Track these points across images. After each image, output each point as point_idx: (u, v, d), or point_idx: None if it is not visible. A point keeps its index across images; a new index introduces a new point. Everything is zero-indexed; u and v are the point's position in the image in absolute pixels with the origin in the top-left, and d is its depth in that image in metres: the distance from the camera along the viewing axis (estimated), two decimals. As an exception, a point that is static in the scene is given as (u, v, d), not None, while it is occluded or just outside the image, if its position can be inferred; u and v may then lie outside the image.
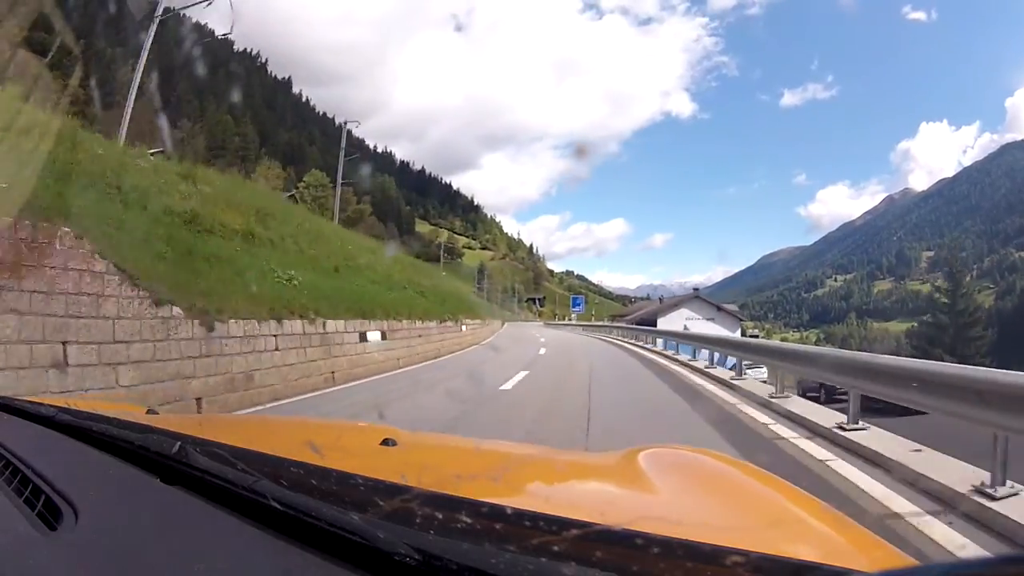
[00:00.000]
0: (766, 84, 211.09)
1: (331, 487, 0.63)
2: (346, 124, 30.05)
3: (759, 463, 0.97)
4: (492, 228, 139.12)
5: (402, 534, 0.52)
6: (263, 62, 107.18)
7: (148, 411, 1.51)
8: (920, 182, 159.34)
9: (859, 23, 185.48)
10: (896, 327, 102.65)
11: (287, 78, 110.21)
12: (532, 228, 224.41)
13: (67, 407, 1.23)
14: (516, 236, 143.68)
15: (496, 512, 0.52)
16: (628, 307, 79.23)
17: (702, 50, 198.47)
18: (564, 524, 0.47)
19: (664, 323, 34.26)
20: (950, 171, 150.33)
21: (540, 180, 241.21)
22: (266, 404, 6.75)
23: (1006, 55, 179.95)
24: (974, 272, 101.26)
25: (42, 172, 5.39)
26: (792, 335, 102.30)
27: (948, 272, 46.03)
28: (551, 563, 0.45)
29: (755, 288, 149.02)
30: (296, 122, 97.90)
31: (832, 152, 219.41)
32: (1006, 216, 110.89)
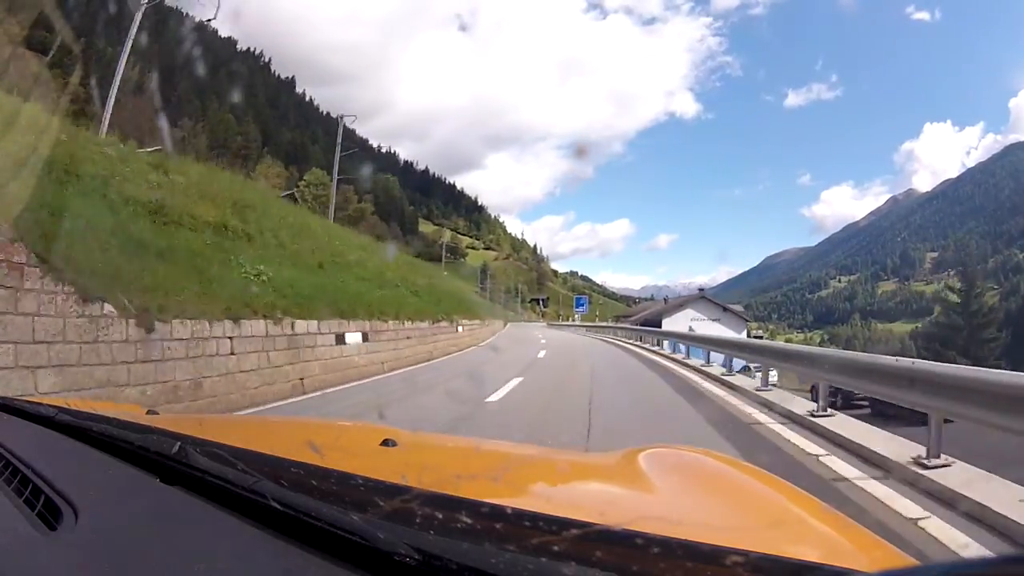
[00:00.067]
0: (770, 84, 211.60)
1: (331, 487, 0.63)
2: (342, 119, 28.90)
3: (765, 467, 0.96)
4: (496, 228, 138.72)
5: (402, 534, 0.52)
6: (267, 61, 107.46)
7: (148, 411, 1.51)
8: (924, 183, 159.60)
9: (863, 23, 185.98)
10: (900, 328, 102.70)
11: (291, 78, 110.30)
12: (536, 228, 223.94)
13: (67, 407, 1.23)
14: (520, 236, 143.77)
15: (496, 512, 0.52)
16: (632, 308, 78.83)
17: (706, 50, 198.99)
18: (564, 524, 0.47)
19: (669, 324, 33.66)
20: (954, 172, 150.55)
21: (544, 180, 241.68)
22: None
23: (1010, 56, 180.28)
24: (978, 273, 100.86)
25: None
26: (796, 336, 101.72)
27: (962, 271, 44.59)
28: (551, 563, 0.45)
29: (759, 289, 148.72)
30: (299, 121, 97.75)
31: (836, 152, 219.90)
32: (1010, 217, 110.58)
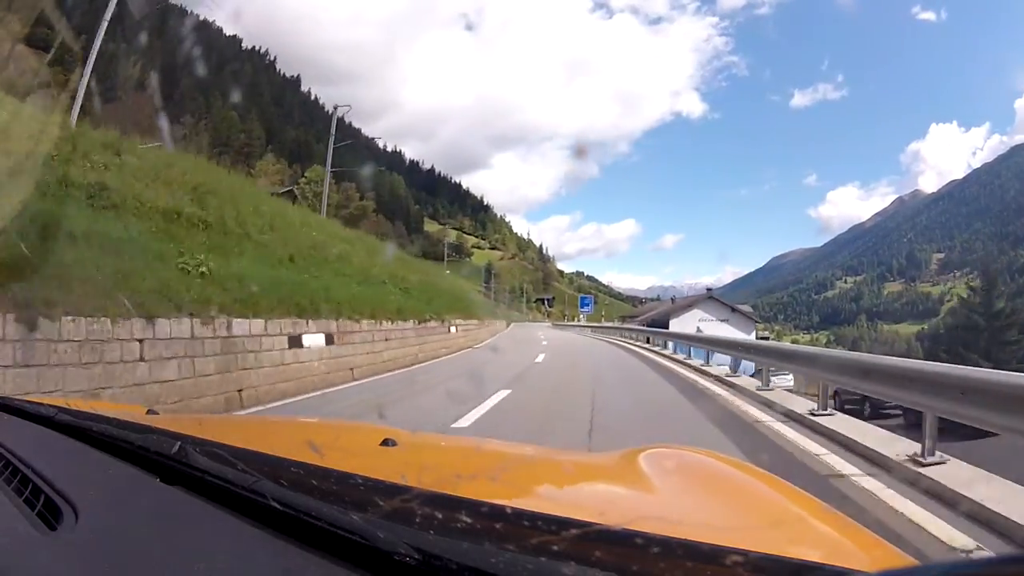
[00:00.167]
0: (776, 84, 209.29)
1: (331, 487, 0.63)
2: (336, 109, 28.28)
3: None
4: (501, 228, 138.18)
5: (402, 534, 0.52)
6: (272, 60, 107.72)
7: (148, 411, 1.51)
8: (930, 183, 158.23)
9: (869, 23, 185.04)
10: (906, 329, 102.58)
11: (296, 76, 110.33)
12: (542, 228, 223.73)
13: (67, 407, 1.23)
14: (526, 236, 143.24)
15: (496, 512, 0.52)
16: (638, 308, 78.24)
17: (712, 50, 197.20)
18: (564, 524, 0.47)
19: (676, 324, 33.11)
20: (960, 173, 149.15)
21: (551, 180, 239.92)
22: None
23: (1015, 56, 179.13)
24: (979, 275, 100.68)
25: None
26: (802, 337, 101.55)
27: (982, 270, 43.30)
28: (551, 563, 0.45)
29: (765, 289, 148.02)
30: (304, 120, 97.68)
31: (842, 153, 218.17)
32: (1016, 218, 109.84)
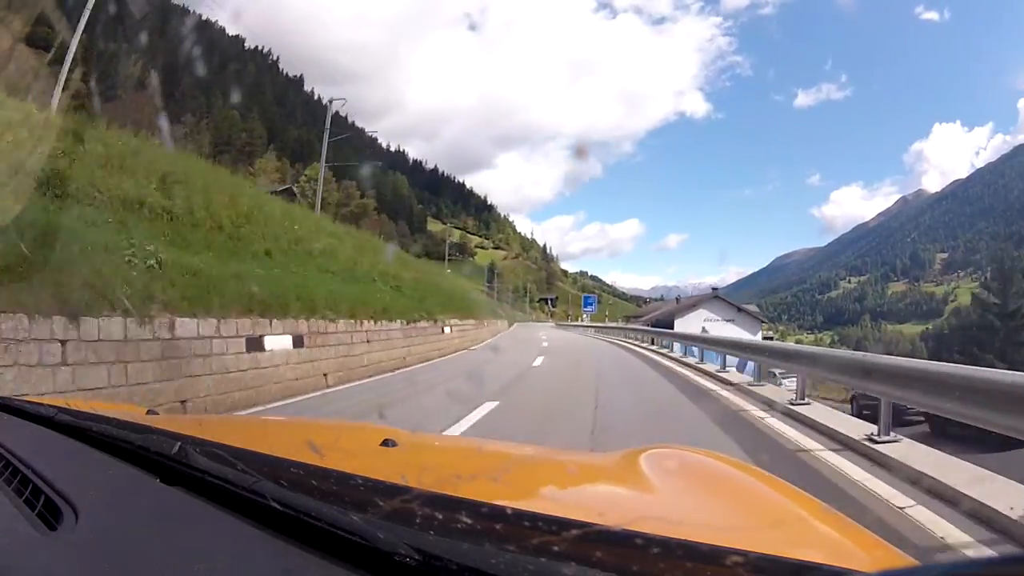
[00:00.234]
0: (780, 84, 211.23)
1: (331, 487, 0.63)
2: (331, 102, 26.97)
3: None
4: (505, 227, 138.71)
5: (402, 534, 0.52)
6: (275, 60, 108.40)
7: (148, 411, 1.52)
8: (933, 183, 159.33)
9: (872, 23, 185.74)
10: (910, 329, 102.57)
11: (299, 76, 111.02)
12: (546, 228, 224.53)
13: (67, 407, 1.23)
14: (530, 236, 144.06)
15: (496, 512, 0.52)
16: (642, 308, 77.96)
17: (716, 50, 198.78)
18: (564, 524, 0.47)
19: (682, 324, 32.70)
20: (963, 172, 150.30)
21: (555, 180, 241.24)
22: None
23: (1018, 56, 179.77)
24: (987, 274, 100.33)
25: None
26: (806, 337, 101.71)
27: (997, 269, 41.94)
28: (551, 563, 0.45)
29: (769, 290, 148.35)
30: (307, 119, 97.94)
31: (846, 153, 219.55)
32: (1020, 218, 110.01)
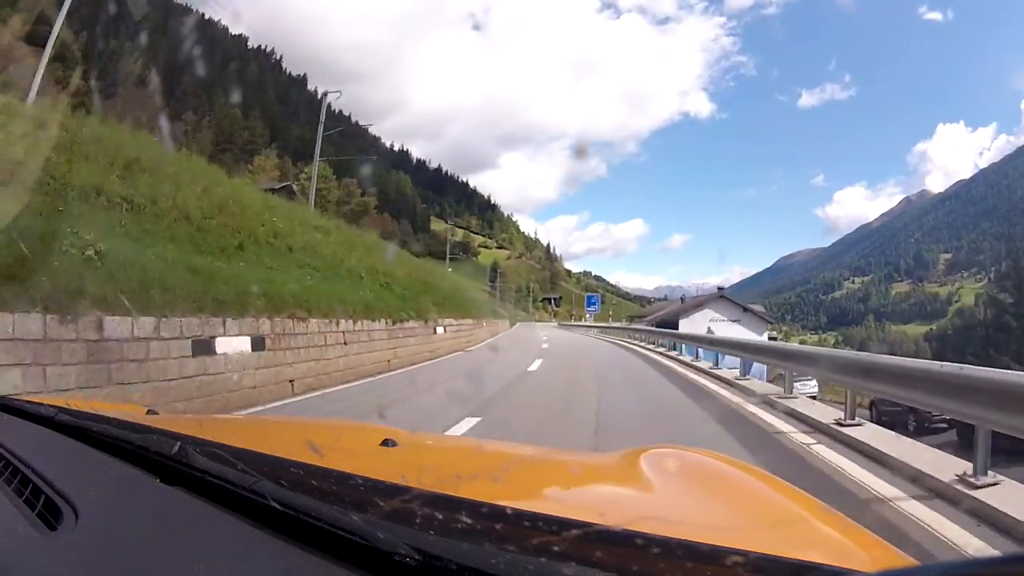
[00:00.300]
0: (784, 84, 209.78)
1: (331, 487, 0.63)
2: (326, 95, 26.38)
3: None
4: (509, 227, 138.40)
5: (402, 534, 0.52)
6: (278, 59, 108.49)
7: (148, 411, 1.51)
8: (937, 184, 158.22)
9: (876, 23, 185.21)
10: (914, 330, 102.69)
11: (302, 75, 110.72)
12: (550, 228, 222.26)
13: (67, 407, 1.23)
14: (533, 236, 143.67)
15: (496, 512, 0.52)
16: (646, 308, 77.45)
17: (720, 50, 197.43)
18: (564, 524, 0.47)
19: (687, 324, 32.31)
20: (967, 173, 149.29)
21: (558, 180, 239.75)
22: None
23: (1022, 56, 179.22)
24: (991, 275, 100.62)
25: None
26: (810, 338, 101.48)
27: (1012, 267, 41.06)
28: (551, 563, 0.45)
29: (773, 290, 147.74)
30: (310, 118, 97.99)
31: (849, 153, 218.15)
32: (1023, 219, 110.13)
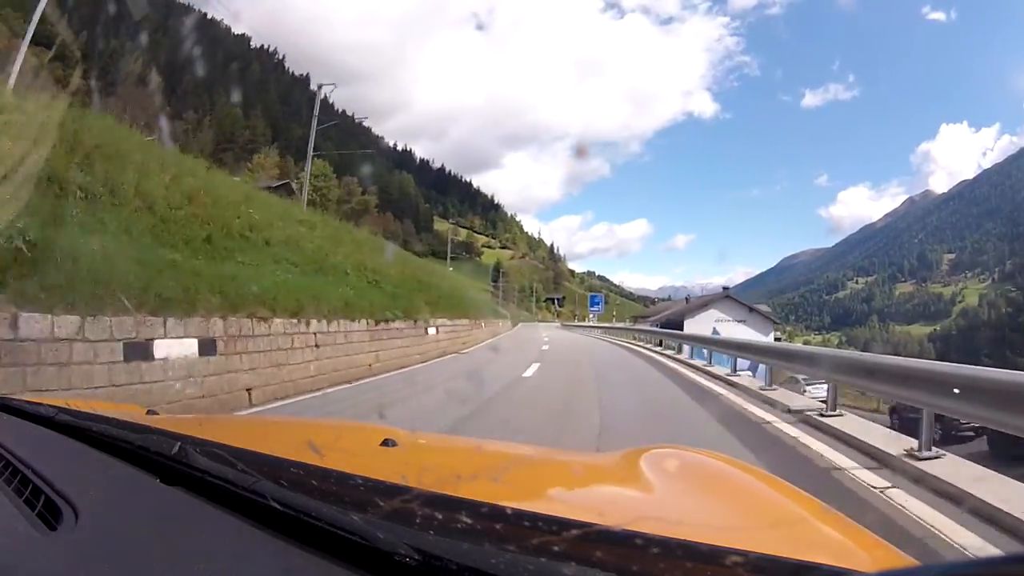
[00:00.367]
0: (787, 84, 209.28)
1: (331, 487, 0.63)
2: (321, 88, 26.43)
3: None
4: (512, 227, 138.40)
5: (402, 534, 0.52)
6: (280, 59, 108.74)
7: (148, 411, 1.51)
8: (940, 184, 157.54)
9: (879, 23, 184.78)
10: (918, 331, 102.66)
11: (305, 75, 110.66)
12: (554, 228, 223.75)
13: (67, 407, 1.23)
14: (537, 236, 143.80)
15: (496, 512, 0.52)
16: (650, 308, 77.18)
17: (724, 50, 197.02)
18: (564, 524, 0.47)
19: (692, 325, 32.30)
20: (970, 173, 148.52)
21: (562, 180, 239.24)
22: None
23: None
24: (995, 275, 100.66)
25: None
26: (814, 338, 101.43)
27: (1020, 265, 40.41)
28: (551, 563, 0.45)
29: (776, 290, 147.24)
30: (312, 117, 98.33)
31: (853, 153, 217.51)
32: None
